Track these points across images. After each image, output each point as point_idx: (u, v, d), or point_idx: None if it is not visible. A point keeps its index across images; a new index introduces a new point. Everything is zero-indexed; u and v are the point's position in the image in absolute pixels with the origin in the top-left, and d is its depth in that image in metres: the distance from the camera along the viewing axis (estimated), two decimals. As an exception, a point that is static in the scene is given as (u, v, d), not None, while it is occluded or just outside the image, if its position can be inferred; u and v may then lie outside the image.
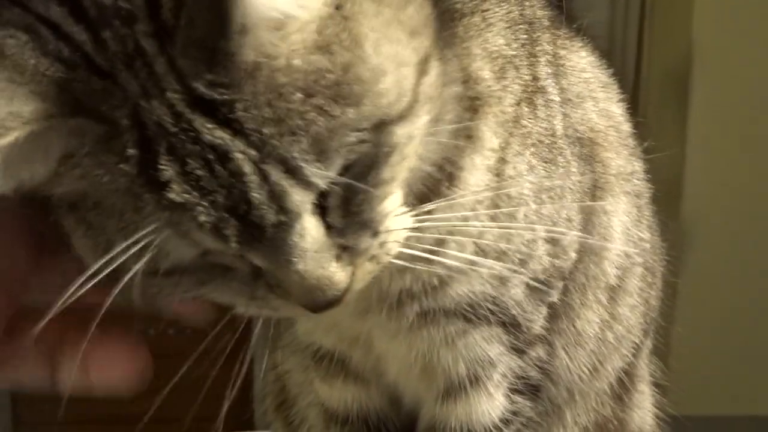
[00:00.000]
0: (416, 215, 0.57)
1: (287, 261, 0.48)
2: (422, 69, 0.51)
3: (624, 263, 0.84)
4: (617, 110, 0.85)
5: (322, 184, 0.47)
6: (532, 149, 0.69)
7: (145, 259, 0.46)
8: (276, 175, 0.45)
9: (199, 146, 0.44)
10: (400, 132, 0.49)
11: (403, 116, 0.49)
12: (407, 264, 0.62)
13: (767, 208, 1.80)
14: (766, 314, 1.84)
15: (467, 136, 0.63)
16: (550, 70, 0.73)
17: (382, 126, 0.48)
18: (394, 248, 0.55)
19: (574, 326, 0.81)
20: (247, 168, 0.44)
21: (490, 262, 0.67)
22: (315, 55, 0.45)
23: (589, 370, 0.84)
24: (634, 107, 1.94)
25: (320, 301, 0.50)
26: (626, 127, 0.86)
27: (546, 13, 0.77)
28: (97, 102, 0.44)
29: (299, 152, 0.45)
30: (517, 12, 0.71)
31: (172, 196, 0.45)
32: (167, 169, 0.45)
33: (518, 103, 0.67)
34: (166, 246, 0.46)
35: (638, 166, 0.88)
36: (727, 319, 1.85)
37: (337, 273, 0.50)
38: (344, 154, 0.47)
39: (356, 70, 0.46)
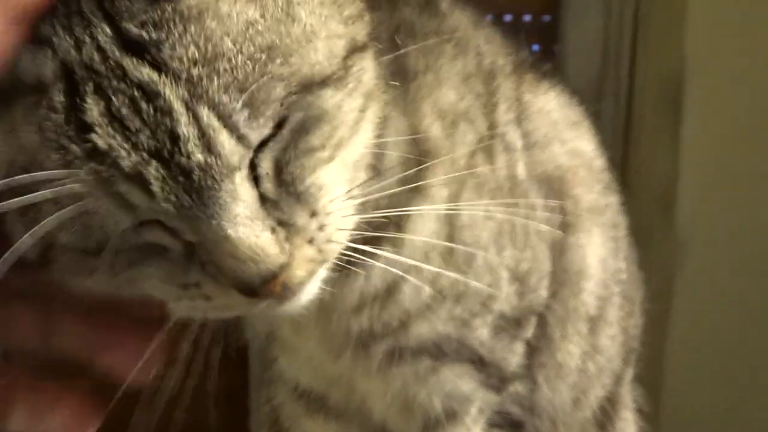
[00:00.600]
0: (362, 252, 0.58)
1: (217, 224, 0.46)
2: (355, 50, 0.52)
3: (602, 293, 0.86)
4: (588, 147, 0.87)
5: (253, 139, 0.47)
6: (490, 196, 0.70)
7: (72, 224, 0.45)
8: (207, 117, 0.45)
9: (126, 85, 0.44)
10: (329, 98, 0.50)
11: (330, 81, 0.50)
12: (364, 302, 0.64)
13: (761, 218, 1.79)
14: (762, 325, 1.84)
15: (416, 188, 0.64)
16: (511, 117, 0.75)
17: (310, 86, 0.49)
18: (336, 237, 0.54)
19: (555, 359, 0.82)
20: (176, 105, 0.44)
21: (447, 304, 0.68)
22: (249, 7, 0.46)
23: (571, 401, 0.85)
24: (629, 118, 1.96)
25: (253, 276, 0.48)
26: (599, 162, 0.88)
27: (510, 59, 0.79)
28: (27, 72, 0.45)
29: (230, 100, 0.45)
30: (473, 65, 0.73)
31: (96, 139, 0.44)
32: (92, 110, 0.44)
33: (472, 154, 0.69)
34: (93, 206, 0.45)
35: (613, 199, 0.91)
36: (723, 328, 1.85)
37: (271, 244, 0.48)
38: (274, 110, 0.47)
39: (289, 28, 0.48)
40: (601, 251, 0.85)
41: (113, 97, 0.45)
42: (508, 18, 2.14)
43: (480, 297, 0.71)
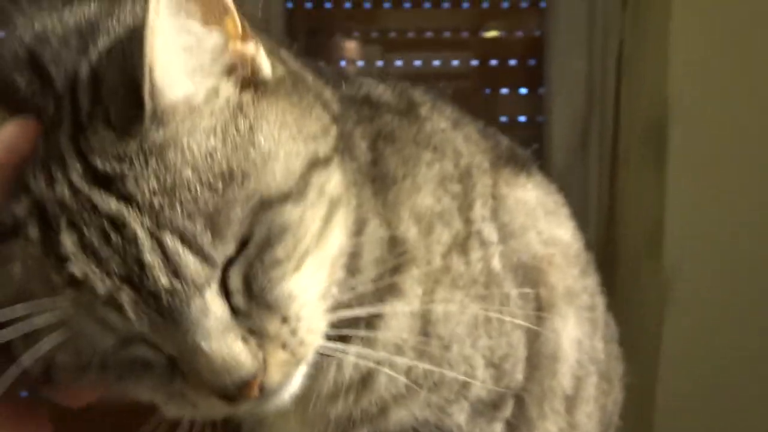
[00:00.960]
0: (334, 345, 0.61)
1: (192, 340, 0.50)
2: (315, 165, 0.56)
3: (578, 373, 0.88)
4: (565, 234, 0.89)
5: (219, 259, 0.51)
6: (464, 290, 0.73)
7: (58, 342, 0.49)
8: (172, 243, 0.49)
9: (95, 218, 0.49)
10: (289, 213, 0.54)
11: (290, 197, 0.54)
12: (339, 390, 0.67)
13: (748, 255, 1.81)
14: (750, 362, 1.84)
15: (390, 286, 0.67)
16: (486, 213, 0.78)
17: (270, 204, 0.53)
18: (309, 339, 0.57)
19: None
20: (141, 233, 0.49)
21: (423, 393, 0.70)
22: (209, 138, 0.51)
23: None
24: (615, 159, 1.98)
25: (229, 384, 0.52)
26: (576, 247, 0.91)
27: (488, 155, 0.83)
28: (5, 216, 0.50)
29: (193, 225, 0.49)
30: (451, 166, 0.76)
31: (73, 269, 0.49)
32: (66, 242, 0.49)
33: (448, 253, 0.72)
34: (80, 329, 0.50)
35: (590, 281, 0.93)
36: (712, 366, 1.85)
37: (243, 354, 0.52)
38: (236, 230, 0.51)
39: (246, 153, 0.52)
40: (576, 333, 0.88)
41: (85, 229, 0.49)
42: (494, 62, 2.17)
43: (456, 384, 0.73)
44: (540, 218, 0.87)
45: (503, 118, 2.20)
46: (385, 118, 0.76)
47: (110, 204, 0.49)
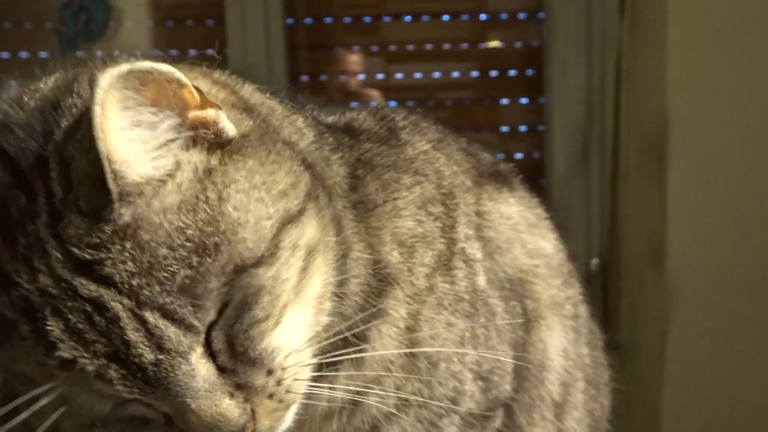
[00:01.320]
0: (322, 374, 0.65)
1: (182, 402, 0.54)
2: (287, 222, 0.58)
3: (565, 380, 0.90)
4: (548, 245, 0.92)
5: (200, 326, 0.53)
6: (450, 309, 0.75)
7: (62, 412, 0.53)
8: (153, 319, 0.52)
9: (78, 302, 0.51)
10: (263, 274, 0.56)
11: (262, 260, 0.56)
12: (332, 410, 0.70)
13: (751, 265, 1.81)
14: (754, 371, 1.84)
15: (374, 307, 0.69)
16: (469, 231, 0.80)
17: (244, 269, 0.55)
18: (295, 386, 0.60)
19: None
20: (123, 314, 0.51)
21: (414, 409, 0.73)
22: (179, 214, 0.53)
23: None
24: (616, 170, 1.98)
25: None
26: (558, 257, 0.93)
27: (471, 173, 0.85)
28: None
29: (172, 299, 0.52)
30: (432, 188, 0.78)
31: (62, 353, 0.52)
32: (54, 329, 0.51)
33: (431, 274, 0.74)
34: (79, 400, 0.54)
35: (573, 291, 0.95)
36: (716, 377, 1.84)
37: (231, 409, 0.56)
38: (215, 297, 0.54)
39: (216, 225, 0.54)
40: (561, 342, 0.90)
41: (70, 315, 0.52)
42: (494, 73, 2.17)
43: (445, 399, 0.75)
44: (524, 231, 0.89)
45: (504, 128, 2.20)
46: (364, 146, 0.77)
47: (90, 288, 0.51)
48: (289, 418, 0.62)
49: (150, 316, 0.51)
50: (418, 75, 2.16)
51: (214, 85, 0.63)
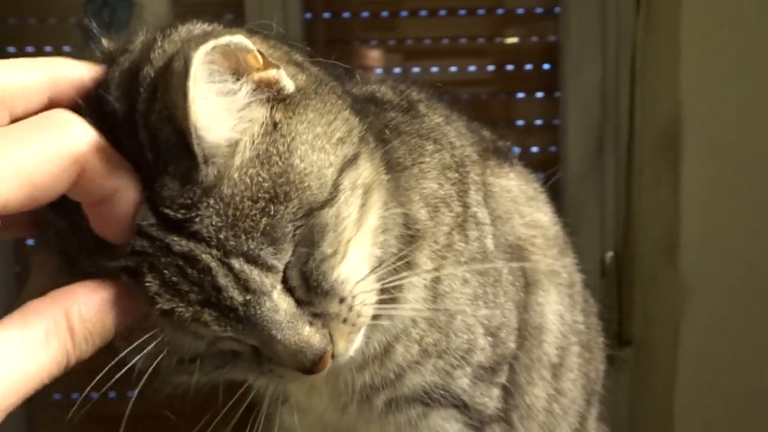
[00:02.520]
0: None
1: (268, 334, 0.60)
2: (346, 167, 0.64)
3: (562, 343, 0.98)
4: (544, 218, 1.01)
5: (280, 266, 0.59)
6: (465, 266, 0.83)
7: (165, 353, 0.59)
8: (239, 265, 0.57)
9: (171, 258, 0.56)
10: (328, 214, 0.62)
11: (326, 203, 0.62)
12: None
13: (762, 263, 1.81)
14: (766, 366, 1.84)
15: (407, 262, 0.76)
16: (479, 198, 0.88)
17: (311, 212, 0.60)
18: (365, 310, 0.67)
19: (524, 401, 0.94)
20: (213, 264, 0.56)
21: (432, 359, 0.81)
22: (255, 169, 0.58)
23: None
24: (630, 163, 2.00)
25: (306, 361, 0.62)
26: (554, 230, 1.02)
27: (476, 148, 0.93)
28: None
29: (255, 245, 0.57)
30: (448, 156, 0.86)
31: (161, 305, 0.56)
32: (152, 284, 0.56)
33: (450, 232, 0.82)
34: (179, 342, 0.59)
35: (569, 260, 1.04)
36: (728, 370, 1.85)
37: (312, 335, 0.62)
38: (289, 240, 0.59)
39: (287, 176, 0.59)
40: (558, 307, 0.97)
41: (165, 271, 0.56)
42: (510, 68, 2.19)
43: (460, 351, 0.83)
44: (522, 204, 0.98)
45: (520, 122, 2.22)
46: (390, 114, 0.85)
47: (182, 245, 0.56)
48: (359, 339, 0.69)
49: (236, 263, 0.56)
50: (434, 69, 2.18)
51: (270, 48, 0.67)
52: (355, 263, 0.66)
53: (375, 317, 0.71)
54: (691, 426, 1.88)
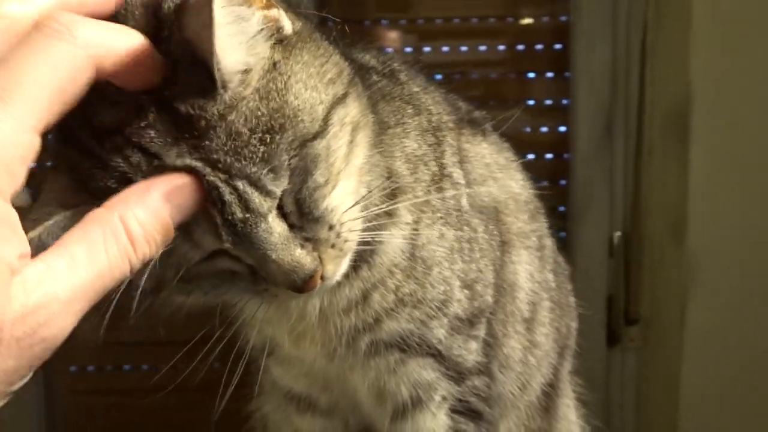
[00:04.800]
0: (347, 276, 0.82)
1: (264, 254, 0.66)
2: (336, 104, 0.70)
3: (533, 299, 1.07)
4: (515, 184, 1.09)
5: (277, 191, 0.65)
6: (442, 221, 0.90)
7: (167, 263, 0.63)
8: (242, 186, 0.63)
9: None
10: (319, 146, 0.68)
11: (318, 135, 0.68)
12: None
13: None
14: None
15: (388, 213, 0.83)
16: (455, 160, 0.96)
17: (304, 144, 0.67)
18: (351, 237, 0.74)
19: (502, 352, 1.02)
20: (219, 183, 0.62)
21: (408, 309, 0.89)
22: (257, 102, 0.64)
23: (518, 388, 1.07)
24: (639, 143, 2.00)
25: (298, 280, 0.69)
26: (525, 195, 1.11)
27: (452, 117, 1.01)
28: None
29: (255, 171, 0.63)
30: (425, 121, 0.94)
31: None
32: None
33: (428, 188, 0.90)
34: (181, 251, 0.65)
35: (538, 225, 1.13)
36: (734, 350, 1.87)
37: (303, 257, 0.69)
38: (285, 168, 0.65)
39: (282, 111, 0.65)
40: (528, 267, 1.06)
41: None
42: (521, 47, 2.19)
43: (436, 302, 0.90)
44: (495, 170, 1.06)
45: (531, 102, 2.23)
46: (374, 78, 0.92)
47: (194, 165, 0.61)
48: (345, 264, 0.76)
49: (240, 184, 0.62)
50: (445, 49, 2.19)
51: None
52: (343, 194, 0.73)
53: (360, 244, 0.78)
54: (696, 404, 1.90)
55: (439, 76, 2.14)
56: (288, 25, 0.69)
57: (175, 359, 0.91)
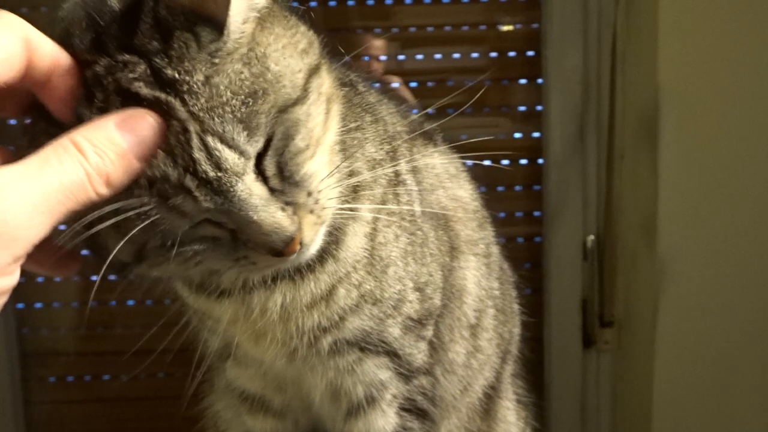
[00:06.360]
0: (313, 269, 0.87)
1: (245, 215, 0.68)
2: (312, 73, 0.73)
3: (479, 306, 1.11)
4: (464, 193, 1.14)
5: (251, 151, 0.68)
6: (397, 224, 0.94)
7: (154, 231, 0.66)
8: (213, 143, 0.65)
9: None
10: (300, 111, 0.72)
11: (298, 100, 0.71)
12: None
13: (740, 241, 1.85)
14: (743, 348, 1.88)
15: (351, 210, 0.87)
16: (408, 168, 1.00)
17: (284, 109, 0.70)
18: (328, 204, 0.77)
19: (447, 356, 1.06)
20: (193, 135, 0.64)
21: (368, 306, 0.92)
22: (240, 66, 0.67)
23: (460, 390, 1.10)
24: (610, 151, 2.03)
25: (279, 242, 0.70)
26: (473, 205, 1.15)
27: (405, 128, 1.05)
28: None
29: (230, 129, 0.65)
30: (382, 130, 0.97)
31: (149, 172, 0.65)
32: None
33: (385, 192, 0.93)
34: (161, 218, 0.66)
35: (486, 233, 1.17)
36: (705, 351, 1.89)
37: (284, 219, 0.71)
38: (262, 131, 0.68)
39: (264, 76, 0.68)
40: (476, 274, 1.11)
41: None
42: (494, 55, 2.22)
43: (392, 302, 0.94)
44: (445, 180, 1.10)
45: (504, 108, 2.26)
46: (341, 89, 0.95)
47: (166, 99, 0.64)
48: (321, 234, 0.78)
49: (210, 140, 0.65)
50: (419, 57, 2.21)
51: None
52: (321, 164, 0.76)
53: (332, 225, 0.82)
54: (669, 405, 1.92)
55: (414, 84, 2.17)
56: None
57: (140, 369, 0.94)
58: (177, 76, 0.64)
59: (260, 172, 0.69)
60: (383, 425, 0.99)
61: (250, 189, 0.68)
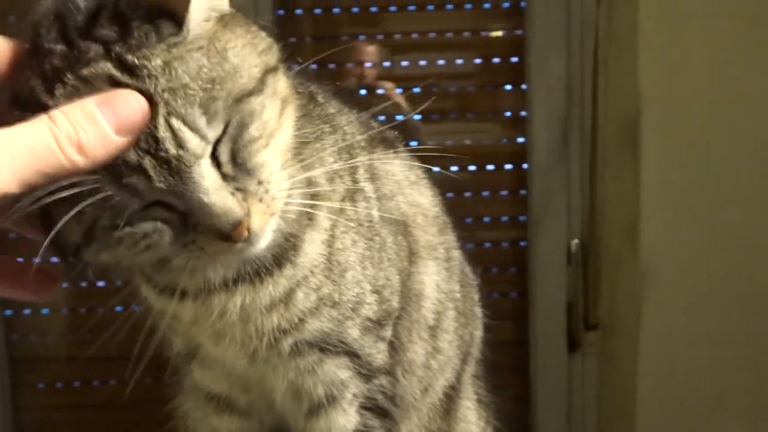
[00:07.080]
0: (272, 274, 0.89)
1: (197, 197, 0.71)
2: (269, 71, 0.78)
3: (438, 308, 1.13)
4: (424, 200, 1.16)
5: (211, 137, 0.71)
6: (355, 230, 0.97)
7: (103, 210, 0.69)
8: (177, 124, 0.69)
9: None
10: (256, 101, 0.75)
11: (254, 92, 0.75)
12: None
13: (721, 245, 1.87)
14: (725, 350, 1.90)
15: (309, 218, 0.91)
16: (367, 176, 1.03)
17: (241, 98, 0.73)
18: (278, 196, 0.79)
19: (406, 357, 1.08)
20: (159, 118, 0.68)
21: (327, 308, 0.94)
22: (201, 56, 0.72)
23: (420, 391, 1.12)
24: (594, 157, 2.05)
25: (226, 225, 0.73)
26: (433, 211, 1.18)
27: (363, 137, 1.08)
28: None
29: (192, 113, 0.69)
30: (341, 140, 1.00)
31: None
32: None
33: (343, 199, 0.96)
34: (113, 196, 0.69)
35: (446, 238, 1.19)
36: (688, 354, 1.91)
37: (234, 204, 0.73)
38: (221, 117, 0.72)
39: (222, 66, 0.73)
40: (435, 278, 1.13)
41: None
42: (478, 61, 2.24)
43: (350, 304, 0.96)
44: (405, 187, 1.12)
45: (490, 114, 2.28)
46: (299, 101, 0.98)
47: (140, 87, 0.68)
48: (270, 227, 0.80)
49: (175, 122, 0.69)
50: (404, 64, 2.23)
51: None
52: (273, 156, 0.78)
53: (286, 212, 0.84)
54: (652, 407, 1.94)
55: (399, 90, 2.19)
56: (226, 3, 0.78)
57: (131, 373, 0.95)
58: (136, 61, 0.68)
59: (215, 157, 0.73)
60: (344, 423, 1.01)
61: (205, 172, 0.71)
